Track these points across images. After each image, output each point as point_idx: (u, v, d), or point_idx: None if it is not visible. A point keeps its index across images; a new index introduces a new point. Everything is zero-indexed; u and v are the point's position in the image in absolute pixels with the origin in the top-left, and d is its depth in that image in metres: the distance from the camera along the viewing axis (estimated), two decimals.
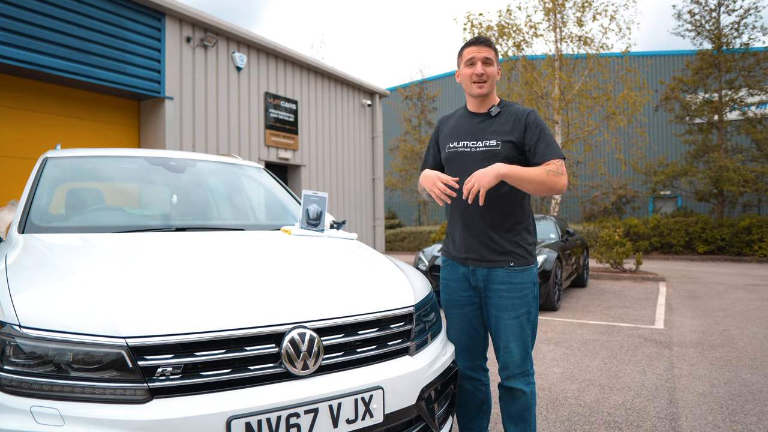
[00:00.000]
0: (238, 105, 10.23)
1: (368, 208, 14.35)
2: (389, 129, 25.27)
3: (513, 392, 2.27)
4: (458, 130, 2.31)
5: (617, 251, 10.99)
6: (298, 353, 1.56)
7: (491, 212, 2.21)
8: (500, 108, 2.27)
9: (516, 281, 2.20)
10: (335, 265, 2.19)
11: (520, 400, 2.26)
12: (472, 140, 2.25)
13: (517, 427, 2.30)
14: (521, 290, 2.21)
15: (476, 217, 2.23)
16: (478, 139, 2.23)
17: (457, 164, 2.26)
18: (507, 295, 2.20)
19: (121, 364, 1.40)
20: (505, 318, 2.21)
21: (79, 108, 8.19)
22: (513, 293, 2.20)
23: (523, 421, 2.29)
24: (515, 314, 2.20)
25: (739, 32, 16.83)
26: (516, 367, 2.24)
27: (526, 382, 2.26)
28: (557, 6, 12.11)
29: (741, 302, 7.46)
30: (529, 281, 2.23)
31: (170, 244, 2.21)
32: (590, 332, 5.51)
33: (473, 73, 2.22)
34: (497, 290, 2.21)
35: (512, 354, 2.22)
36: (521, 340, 2.22)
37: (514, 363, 2.24)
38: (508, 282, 2.20)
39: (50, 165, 2.80)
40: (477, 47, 2.23)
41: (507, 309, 2.20)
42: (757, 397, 3.44)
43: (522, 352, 2.23)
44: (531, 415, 2.29)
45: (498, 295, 2.21)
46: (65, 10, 7.34)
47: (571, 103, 12.55)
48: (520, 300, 2.20)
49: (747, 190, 16.19)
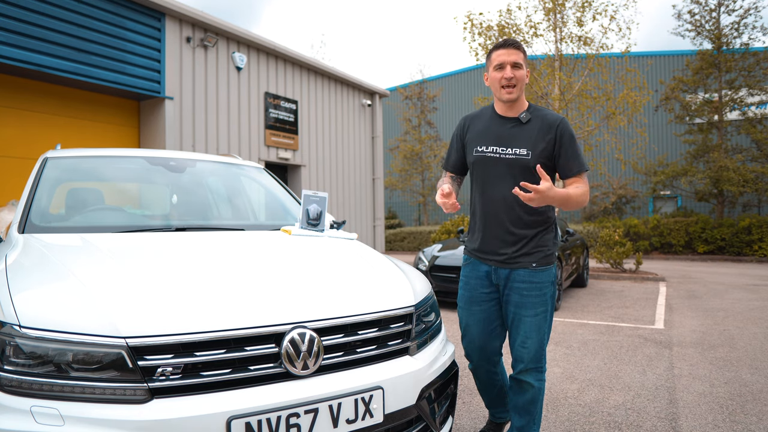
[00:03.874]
0: (238, 105, 10.23)
1: (368, 208, 14.35)
2: (389, 129, 25.26)
3: (523, 385, 2.32)
4: (488, 134, 2.30)
5: (617, 251, 10.99)
6: (298, 353, 1.56)
7: (518, 216, 2.25)
8: (530, 114, 2.26)
9: (536, 280, 2.25)
10: (335, 265, 2.19)
11: (528, 393, 2.31)
12: (501, 146, 2.25)
13: (521, 419, 2.36)
14: (541, 289, 2.26)
15: (503, 220, 2.26)
16: (508, 146, 2.23)
17: (485, 169, 2.29)
18: (527, 294, 2.25)
19: (121, 364, 1.40)
20: (525, 315, 2.26)
21: (79, 108, 8.19)
22: (533, 291, 2.25)
23: (528, 413, 2.34)
24: (534, 312, 2.25)
25: (739, 32, 16.82)
26: (530, 362, 2.29)
27: (537, 378, 2.31)
28: (557, 6, 12.10)
29: (741, 302, 7.46)
30: (548, 281, 2.28)
31: (170, 244, 2.20)
32: (590, 332, 5.51)
33: (503, 77, 2.20)
34: (518, 288, 2.26)
35: (528, 350, 2.27)
36: (538, 338, 2.27)
37: (528, 358, 2.28)
38: (529, 281, 2.25)
39: (50, 165, 2.80)
40: (507, 50, 2.21)
41: (527, 306, 2.25)
42: (757, 397, 3.44)
43: (537, 349, 2.28)
44: (536, 409, 2.34)
45: (519, 293, 2.26)
46: (65, 10, 7.34)
47: (571, 103, 12.54)
48: (539, 298, 2.25)
49: (747, 190, 16.18)
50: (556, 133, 2.21)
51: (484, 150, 2.28)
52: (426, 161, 23.43)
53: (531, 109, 2.29)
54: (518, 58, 2.21)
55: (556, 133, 2.21)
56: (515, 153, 2.21)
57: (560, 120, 2.24)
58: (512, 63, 2.20)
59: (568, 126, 2.25)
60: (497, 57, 2.23)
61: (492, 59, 2.26)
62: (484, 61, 12.98)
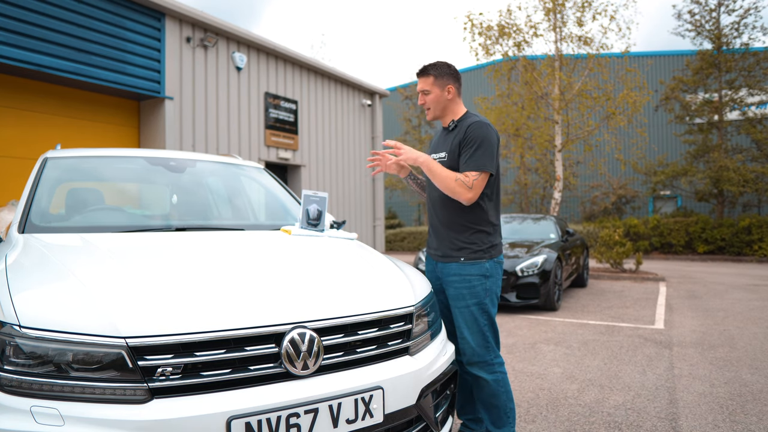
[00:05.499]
0: (238, 105, 10.23)
1: (368, 208, 14.35)
2: (389, 129, 25.26)
3: (478, 380, 2.43)
4: (433, 143, 2.62)
5: (617, 251, 10.99)
6: (298, 353, 1.56)
7: (448, 214, 2.44)
8: (457, 122, 2.47)
9: (465, 273, 2.39)
10: (335, 265, 2.19)
11: (485, 388, 2.41)
12: (434, 152, 2.55)
13: (489, 414, 2.44)
14: (470, 281, 2.38)
15: (439, 217, 2.49)
16: (436, 151, 2.53)
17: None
18: (458, 286, 2.40)
19: (121, 364, 1.40)
20: (457, 307, 2.41)
21: (79, 108, 8.19)
22: (463, 284, 2.38)
23: (493, 407, 2.41)
24: (464, 303, 2.38)
25: (739, 32, 16.82)
26: (473, 355, 2.38)
27: (489, 371, 2.39)
28: (557, 6, 12.10)
29: (741, 302, 7.46)
30: (478, 273, 2.37)
31: (170, 244, 2.20)
32: (590, 332, 5.51)
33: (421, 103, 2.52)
34: (451, 281, 2.42)
35: (467, 341, 2.39)
36: (477, 330, 2.36)
37: (470, 351, 2.39)
38: (458, 273, 2.40)
39: (50, 165, 2.80)
40: (419, 79, 2.50)
41: (458, 298, 2.40)
42: (757, 397, 3.44)
43: (479, 341, 2.37)
44: (500, 402, 2.40)
45: (452, 286, 2.42)
46: (65, 10, 7.33)
47: (571, 103, 12.55)
48: (469, 290, 2.37)
49: (747, 190, 16.18)
50: (465, 135, 2.36)
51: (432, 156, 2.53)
52: None
53: (463, 117, 2.47)
54: (425, 86, 2.46)
55: (465, 135, 2.36)
56: (439, 157, 2.48)
57: (471, 123, 2.38)
58: (421, 91, 2.48)
59: (482, 129, 2.34)
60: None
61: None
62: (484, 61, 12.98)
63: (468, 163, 2.31)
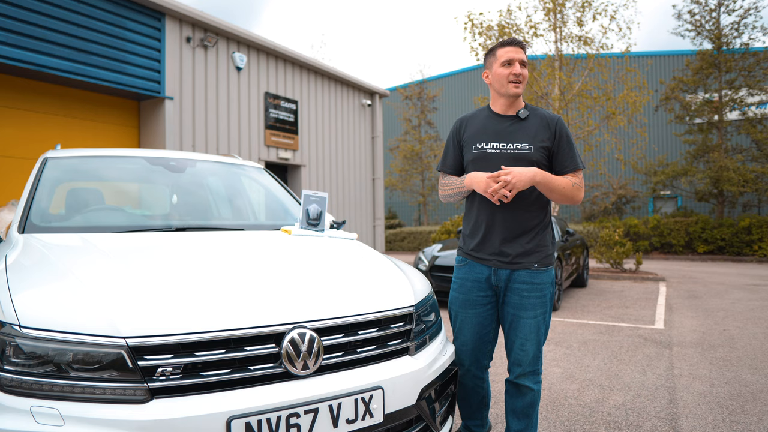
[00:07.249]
0: (238, 105, 10.23)
1: (368, 208, 14.35)
2: (389, 129, 25.26)
3: (521, 389, 2.31)
4: (486, 132, 2.30)
5: (617, 251, 10.99)
6: (298, 353, 1.56)
7: (520, 214, 2.23)
8: (528, 111, 2.30)
9: (537, 281, 2.23)
10: (335, 265, 2.19)
11: (527, 396, 2.30)
12: (502, 142, 2.25)
13: (520, 423, 2.34)
14: (541, 290, 2.24)
15: (506, 218, 2.24)
16: (508, 141, 2.24)
17: (486, 165, 2.26)
18: (528, 295, 2.23)
19: (121, 364, 1.40)
20: (524, 317, 2.24)
21: (79, 108, 8.19)
22: (534, 293, 2.23)
23: (526, 417, 2.32)
24: (533, 314, 2.24)
25: (739, 32, 16.82)
26: (528, 365, 2.27)
27: (535, 380, 2.30)
28: (557, 6, 12.11)
29: (741, 302, 7.46)
30: (549, 282, 2.26)
31: (170, 244, 2.20)
32: (590, 332, 5.51)
33: (511, 73, 2.23)
34: (518, 290, 2.24)
35: (527, 352, 2.26)
36: (536, 340, 2.25)
37: (527, 361, 2.27)
38: (530, 282, 2.23)
39: (50, 165, 2.80)
40: (515, 48, 2.25)
41: (526, 308, 2.24)
42: (757, 397, 3.44)
43: (536, 351, 2.26)
44: (535, 412, 2.33)
45: (519, 295, 2.24)
46: (65, 10, 7.34)
47: (571, 103, 12.55)
48: (539, 300, 2.24)
49: (747, 190, 16.18)
50: (555, 130, 2.24)
51: (484, 147, 2.27)
52: (426, 161, 23.44)
53: (528, 107, 2.33)
54: (524, 57, 2.26)
55: (555, 130, 2.24)
56: (517, 147, 2.22)
57: (558, 118, 2.29)
58: (520, 61, 2.24)
59: (565, 125, 2.29)
60: (505, 53, 2.25)
61: (498, 56, 2.27)
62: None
63: (570, 161, 2.23)
